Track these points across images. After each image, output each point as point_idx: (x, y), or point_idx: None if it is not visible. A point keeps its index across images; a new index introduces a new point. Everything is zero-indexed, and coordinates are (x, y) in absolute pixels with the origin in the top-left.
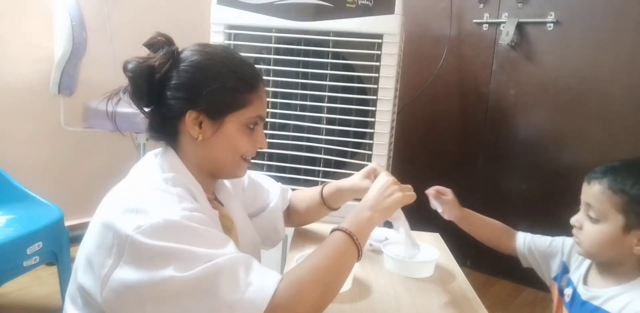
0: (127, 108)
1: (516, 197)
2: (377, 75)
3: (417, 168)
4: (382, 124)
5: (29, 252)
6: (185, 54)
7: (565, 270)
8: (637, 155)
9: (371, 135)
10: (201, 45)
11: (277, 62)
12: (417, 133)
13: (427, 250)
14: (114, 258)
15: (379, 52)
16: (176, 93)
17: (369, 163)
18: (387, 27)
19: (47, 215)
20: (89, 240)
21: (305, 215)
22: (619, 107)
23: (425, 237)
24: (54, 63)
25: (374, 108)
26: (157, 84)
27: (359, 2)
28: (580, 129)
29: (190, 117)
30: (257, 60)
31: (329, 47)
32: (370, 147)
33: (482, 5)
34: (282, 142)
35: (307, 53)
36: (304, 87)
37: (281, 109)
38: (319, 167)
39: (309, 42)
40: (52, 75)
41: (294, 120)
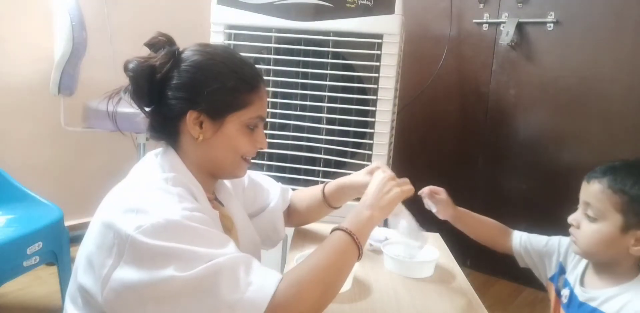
0: (128, 108)
1: (516, 197)
2: (377, 75)
3: (417, 168)
4: (382, 124)
5: (29, 252)
6: (186, 54)
7: (561, 270)
8: (637, 156)
9: (371, 135)
10: (202, 45)
11: (277, 62)
12: (417, 133)
13: (427, 250)
14: (114, 258)
15: (379, 52)
16: (177, 93)
17: (369, 163)
18: (387, 27)
19: (47, 215)
20: (89, 240)
21: (305, 215)
22: (619, 107)
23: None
24: (54, 63)
25: (374, 108)
26: (158, 84)
27: (359, 2)
28: (580, 129)
29: (191, 117)
30: (257, 60)
31: (329, 47)
32: (370, 147)
33: (482, 5)
34: (282, 142)
35: (307, 53)
36: (304, 87)
37: (281, 109)
38: (319, 167)
39: (309, 42)
40: (52, 75)
41: (294, 120)
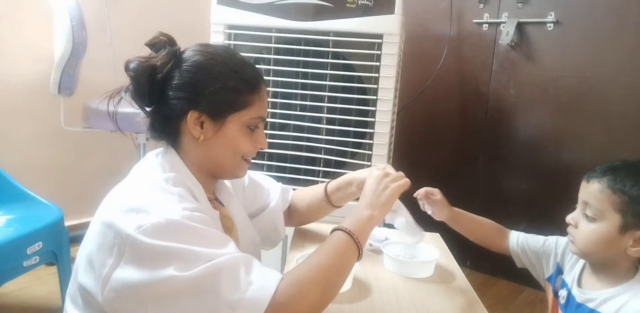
0: (128, 108)
1: (516, 197)
2: (377, 75)
3: (417, 168)
4: (382, 124)
5: (29, 252)
6: (187, 54)
7: (559, 271)
8: (637, 156)
9: (371, 135)
10: (203, 45)
11: (277, 62)
12: (417, 133)
13: (427, 250)
14: (114, 257)
15: (379, 52)
16: (178, 93)
17: (369, 163)
18: (387, 27)
19: (47, 215)
20: (89, 240)
21: (306, 214)
22: (619, 107)
23: (425, 237)
24: (54, 63)
25: (374, 108)
26: (159, 84)
27: (359, 2)
28: (580, 129)
29: (191, 117)
30: (257, 60)
31: (329, 47)
32: (370, 147)
33: (482, 5)
34: (282, 142)
35: (307, 53)
36: (304, 87)
37: (281, 109)
38: (319, 167)
39: (309, 42)
40: (52, 76)
41: (294, 120)
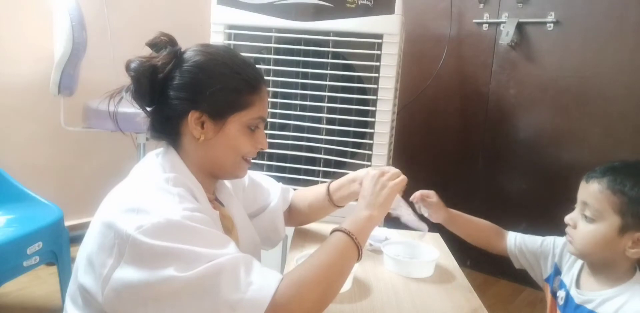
0: (128, 108)
1: (516, 197)
2: (377, 75)
3: (417, 168)
4: (382, 124)
5: (29, 252)
6: (188, 55)
7: (557, 271)
8: (637, 156)
9: (371, 135)
10: (204, 45)
11: (277, 62)
12: (417, 133)
13: (427, 250)
14: (114, 257)
15: (379, 52)
16: (179, 93)
17: (369, 163)
18: (387, 27)
19: (47, 215)
20: (89, 240)
21: (307, 214)
22: (619, 107)
23: (425, 237)
24: (54, 63)
25: (374, 108)
26: (160, 84)
27: (359, 2)
28: (580, 129)
29: (192, 117)
30: (257, 60)
31: (329, 47)
32: (370, 147)
33: (482, 5)
34: (282, 142)
35: (307, 53)
36: (304, 87)
37: (281, 109)
38: (319, 167)
39: (309, 42)
40: (52, 75)
41: (294, 120)
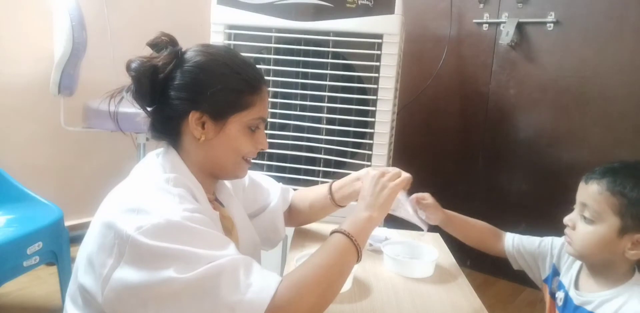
0: (128, 108)
1: (516, 197)
2: (377, 75)
3: (417, 168)
4: (382, 124)
5: (29, 252)
6: (188, 55)
7: (555, 272)
8: (637, 156)
9: (371, 135)
10: (204, 45)
11: (277, 62)
12: (417, 133)
13: (427, 250)
14: (114, 258)
15: (379, 52)
16: (179, 93)
17: (369, 163)
18: (387, 27)
19: (47, 215)
20: (90, 240)
21: (308, 214)
22: (619, 107)
23: (425, 237)
24: (54, 63)
25: (374, 108)
26: (161, 84)
27: (359, 2)
28: (580, 129)
29: (193, 117)
30: (257, 60)
31: (329, 47)
32: (370, 147)
33: (482, 5)
34: (282, 142)
35: (307, 53)
36: (304, 87)
37: (281, 109)
38: (319, 167)
39: (309, 42)
40: (52, 75)
41: (294, 120)
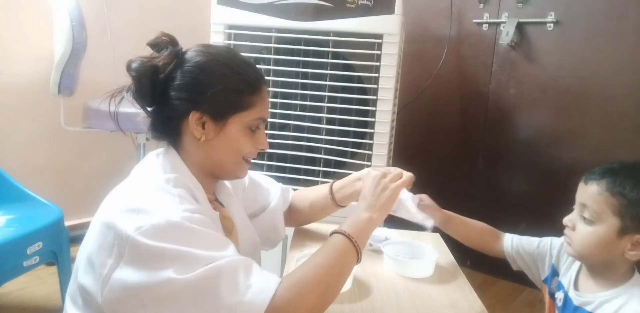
0: (128, 108)
1: (516, 197)
2: (377, 75)
3: (417, 168)
4: (382, 124)
5: (29, 252)
6: (189, 55)
7: (554, 272)
8: (637, 156)
9: (371, 135)
10: (205, 46)
11: (277, 62)
12: (417, 133)
13: (427, 250)
14: (114, 258)
15: (379, 52)
16: (180, 93)
17: (369, 163)
18: (387, 27)
19: (47, 215)
20: (90, 240)
21: (309, 214)
22: (619, 107)
23: (425, 237)
24: (54, 63)
25: (374, 108)
26: (161, 84)
27: (359, 2)
28: (580, 129)
29: (193, 117)
30: (257, 60)
31: (329, 47)
32: (370, 147)
33: (482, 5)
34: (282, 142)
35: (307, 53)
36: (304, 87)
37: (281, 109)
38: (319, 167)
39: (309, 42)
40: (52, 75)
41: (294, 120)
